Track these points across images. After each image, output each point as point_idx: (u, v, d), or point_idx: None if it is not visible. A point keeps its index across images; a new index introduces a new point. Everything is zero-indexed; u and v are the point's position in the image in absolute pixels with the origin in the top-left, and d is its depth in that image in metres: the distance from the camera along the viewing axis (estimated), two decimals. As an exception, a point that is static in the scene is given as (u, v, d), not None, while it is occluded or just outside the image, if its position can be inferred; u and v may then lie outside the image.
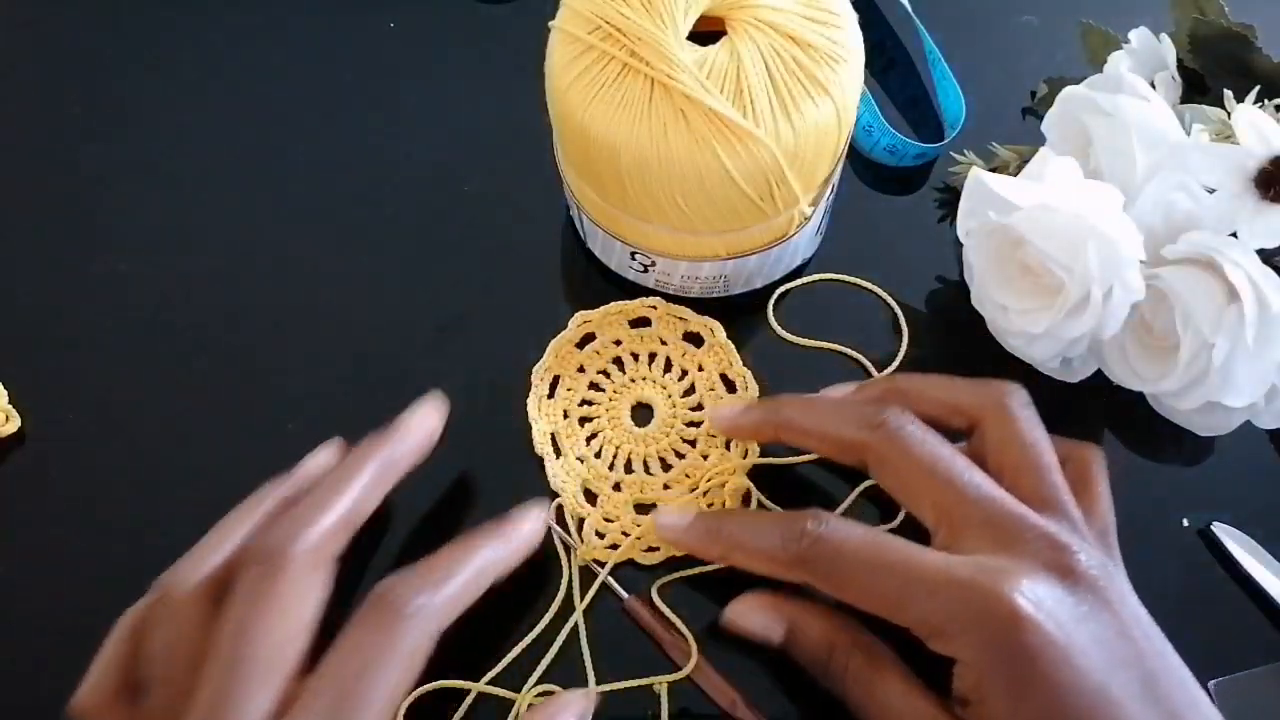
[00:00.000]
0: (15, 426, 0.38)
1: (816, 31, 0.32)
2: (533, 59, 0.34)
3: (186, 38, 0.47)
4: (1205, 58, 0.37)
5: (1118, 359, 0.36)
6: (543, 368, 0.39)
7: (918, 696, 0.29)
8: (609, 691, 0.34)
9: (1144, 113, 0.34)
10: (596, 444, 0.38)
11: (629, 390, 0.39)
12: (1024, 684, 0.26)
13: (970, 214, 0.37)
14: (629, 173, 0.32)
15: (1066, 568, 0.27)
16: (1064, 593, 0.27)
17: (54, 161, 0.44)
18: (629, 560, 0.36)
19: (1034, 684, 0.26)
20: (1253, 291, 0.31)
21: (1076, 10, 0.43)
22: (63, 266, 0.42)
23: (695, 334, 0.40)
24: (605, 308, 0.40)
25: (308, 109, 0.45)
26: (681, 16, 0.31)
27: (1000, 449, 0.31)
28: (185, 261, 0.42)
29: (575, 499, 0.37)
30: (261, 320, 0.41)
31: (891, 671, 0.30)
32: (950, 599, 0.27)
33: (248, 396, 0.39)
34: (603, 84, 0.31)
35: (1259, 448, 0.38)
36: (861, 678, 0.30)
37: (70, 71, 0.46)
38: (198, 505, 0.37)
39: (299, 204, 0.43)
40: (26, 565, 0.37)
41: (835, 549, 0.29)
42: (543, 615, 0.35)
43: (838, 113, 0.32)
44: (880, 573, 0.28)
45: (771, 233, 0.36)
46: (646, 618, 0.35)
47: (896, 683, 0.29)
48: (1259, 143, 0.32)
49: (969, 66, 0.44)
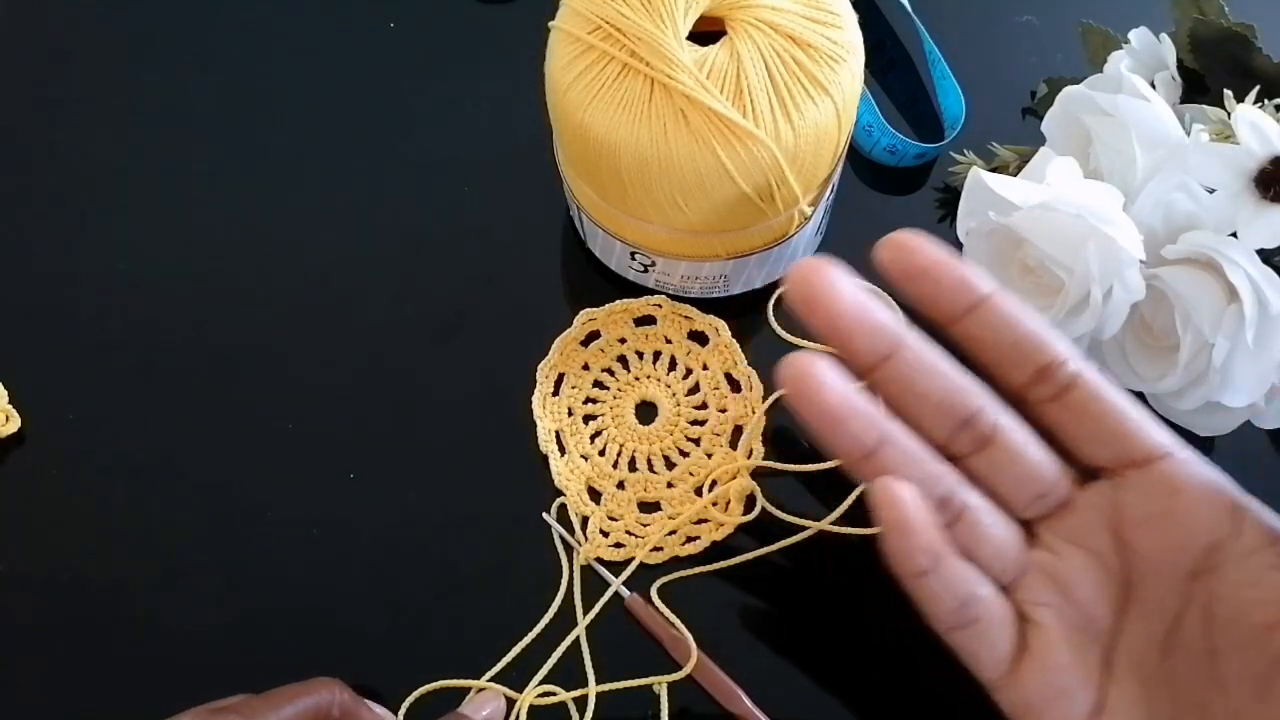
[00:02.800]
0: (15, 426, 0.38)
1: (816, 31, 0.32)
2: (533, 59, 0.34)
3: (186, 38, 0.47)
4: (1205, 58, 0.37)
5: (1118, 359, 0.36)
6: (548, 365, 0.39)
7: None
8: (608, 691, 0.34)
9: (1144, 113, 0.34)
10: (601, 442, 0.38)
11: (633, 388, 0.39)
12: None
13: (970, 214, 0.37)
14: (629, 173, 0.32)
15: None
16: None
17: (54, 161, 0.44)
18: (629, 559, 0.36)
19: None
20: (1253, 291, 0.31)
21: (1076, 10, 0.43)
22: (62, 267, 0.42)
23: (700, 333, 0.40)
24: (610, 306, 0.40)
25: (308, 109, 0.45)
26: (681, 16, 0.31)
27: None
28: (185, 262, 0.42)
29: (579, 497, 0.37)
30: (262, 320, 0.41)
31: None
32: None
33: (248, 396, 0.39)
34: (603, 84, 0.31)
35: (1259, 448, 0.38)
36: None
37: (70, 71, 0.46)
38: (197, 505, 0.38)
39: (299, 204, 0.43)
40: (26, 565, 0.37)
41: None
42: (543, 614, 0.35)
43: (838, 113, 0.32)
44: None
45: (771, 233, 0.36)
46: (647, 617, 0.35)
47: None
48: (1259, 143, 0.32)
49: (969, 66, 0.44)
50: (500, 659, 0.34)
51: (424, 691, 0.33)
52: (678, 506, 0.37)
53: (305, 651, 0.35)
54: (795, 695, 0.34)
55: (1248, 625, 0.23)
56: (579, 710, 0.34)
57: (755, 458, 0.37)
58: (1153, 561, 0.24)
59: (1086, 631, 0.24)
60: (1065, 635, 0.24)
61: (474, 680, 0.34)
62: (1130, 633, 0.24)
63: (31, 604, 0.36)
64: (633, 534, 0.36)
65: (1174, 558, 0.24)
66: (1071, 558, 0.25)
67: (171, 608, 0.36)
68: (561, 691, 0.34)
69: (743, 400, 0.38)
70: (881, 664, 0.35)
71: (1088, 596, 0.24)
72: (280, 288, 0.41)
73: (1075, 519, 0.25)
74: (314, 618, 0.36)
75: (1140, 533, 0.24)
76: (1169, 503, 0.24)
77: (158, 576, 0.36)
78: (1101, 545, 0.24)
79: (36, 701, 0.35)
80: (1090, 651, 0.24)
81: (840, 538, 0.36)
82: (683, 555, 0.36)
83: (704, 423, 0.38)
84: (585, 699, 0.34)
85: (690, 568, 0.36)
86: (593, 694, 0.33)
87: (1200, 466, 0.24)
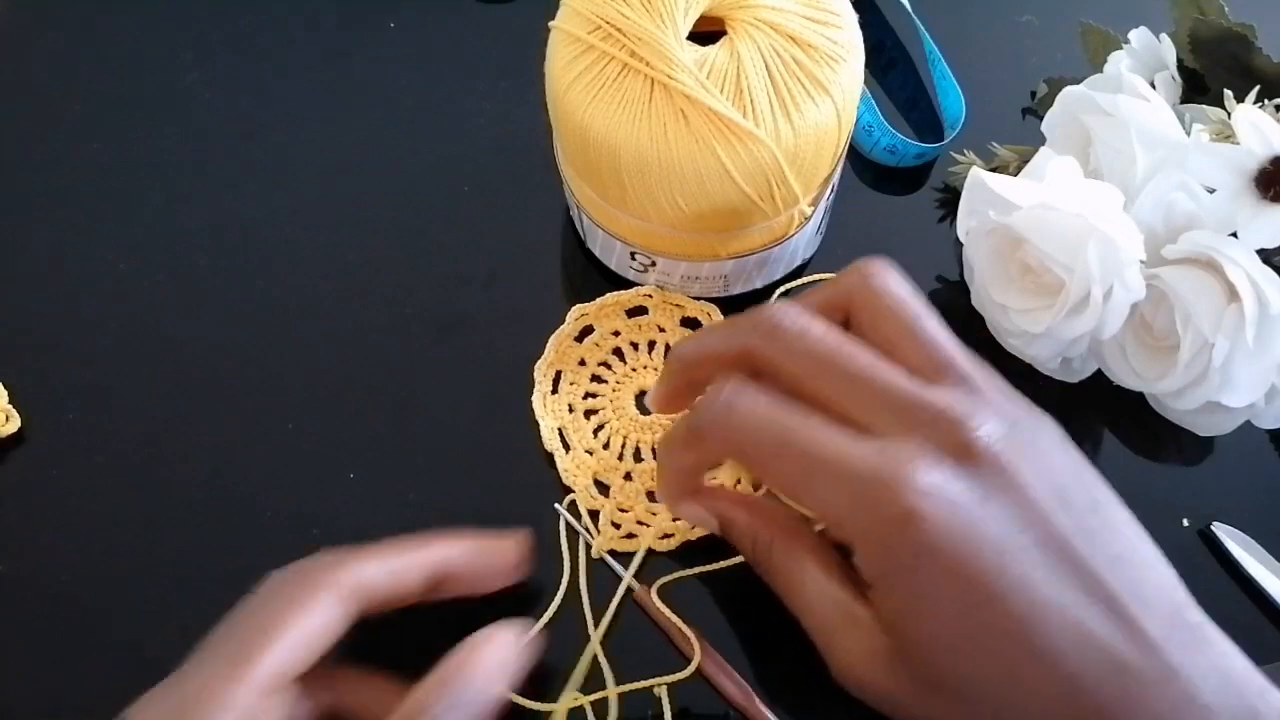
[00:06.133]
0: (15, 426, 0.38)
1: (816, 31, 0.32)
2: (533, 59, 0.34)
3: (185, 38, 0.47)
4: (1205, 58, 0.37)
5: (1118, 359, 0.36)
6: (544, 363, 0.39)
7: (830, 580, 0.28)
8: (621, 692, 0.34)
9: (1144, 113, 0.34)
10: (604, 435, 0.38)
11: (632, 379, 0.39)
12: (918, 577, 0.25)
13: (970, 214, 0.37)
14: (629, 173, 0.32)
15: (964, 446, 0.25)
16: (960, 476, 0.25)
17: (53, 161, 0.44)
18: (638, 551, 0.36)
19: (928, 577, 0.25)
20: (1253, 291, 0.31)
21: (1076, 10, 0.43)
22: (63, 266, 0.42)
23: (693, 319, 0.40)
24: (601, 299, 0.40)
25: (308, 109, 0.45)
26: (681, 16, 0.31)
27: (874, 327, 0.28)
28: (185, 261, 0.42)
29: (588, 491, 0.37)
30: (262, 320, 0.41)
31: (809, 556, 0.29)
32: (847, 489, 0.26)
33: (248, 396, 0.39)
34: (603, 84, 0.31)
35: (1259, 448, 0.38)
36: (780, 564, 0.29)
37: (70, 71, 0.46)
38: (198, 505, 0.38)
39: (299, 204, 0.43)
40: (26, 565, 0.37)
41: (742, 419, 0.28)
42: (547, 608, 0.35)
43: (838, 113, 0.32)
44: (784, 452, 0.27)
45: (771, 233, 0.36)
46: (657, 609, 0.35)
47: (812, 567, 0.28)
48: (1259, 143, 0.32)
49: (969, 66, 0.44)
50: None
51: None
52: None
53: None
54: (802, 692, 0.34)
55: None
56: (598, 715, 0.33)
57: None
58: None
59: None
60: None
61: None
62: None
63: (31, 604, 0.36)
64: (644, 524, 0.36)
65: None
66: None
67: (171, 608, 0.36)
68: (581, 696, 0.34)
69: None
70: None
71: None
72: (280, 287, 0.41)
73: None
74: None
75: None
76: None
77: (158, 576, 0.36)
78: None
79: (37, 701, 0.35)
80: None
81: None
82: (694, 540, 0.36)
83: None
84: (605, 702, 0.34)
85: (697, 563, 0.36)
86: (613, 696, 0.33)
87: None
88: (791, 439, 0.27)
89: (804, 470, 0.27)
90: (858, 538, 0.26)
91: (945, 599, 0.25)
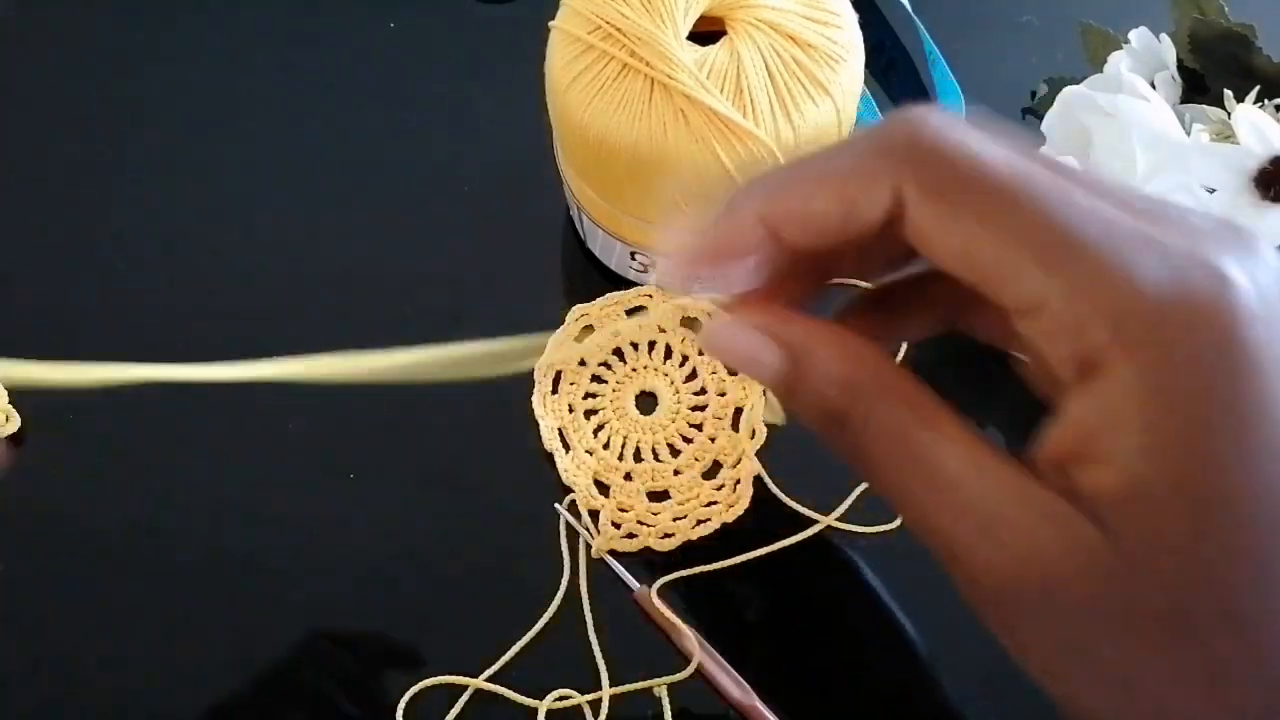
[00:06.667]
0: (15, 426, 0.38)
1: (816, 31, 0.32)
2: (533, 59, 0.34)
3: (186, 37, 0.47)
4: (1205, 58, 0.37)
5: (1118, 359, 0.36)
6: (544, 364, 0.39)
7: (986, 454, 0.19)
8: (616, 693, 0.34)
9: (1144, 113, 0.34)
10: (604, 435, 0.38)
11: (632, 380, 0.39)
12: (1228, 415, 0.16)
13: (970, 214, 0.37)
14: (629, 173, 0.32)
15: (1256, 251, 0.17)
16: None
17: (54, 159, 0.44)
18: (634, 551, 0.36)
19: (1243, 416, 0.16)
20: (1253, 291, 0.31)
21: (1076, 10, 0.43)
22: (62, 265, 0.42)
23: (694, 319, 0.40)
24: (601, 299, 0.40)
25: (307, 109, 0.45)
26: (681, 16, 0.31)
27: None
28: (185, 261, 0.42)
29: (588, 492, 0.37)
30: (261, 320, 0.41)
31: (945, 422, 0.19)
32: (1110, 265, 0.17)
33: (248, 395, 0.39)
34: (603, 84, 0.31)
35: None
36: (897, 431, 0.20)
37: (70, 71, 0.46)
38: (197, 505, 0.38)
39: (299, 204, 0.43)
40: (26, 565, 0.37)
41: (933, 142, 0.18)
42: (547, 608, 0.35)
43: (838, 113, 0.32)
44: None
45: (771, 233, 0.36)
46: (657, 609, 0.35)
47: (953, 436, 0.19)
48: (1259, 143, 0.32)
49: (969, 66, 0.44)
50: (499, 657, 0.34)
51: (422, 687, 0.33)
52: (687, 493, 0.37)
53: (306, 650, 0.35)
54: (803, 692, 0.34)
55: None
56: (593, 713, 0.33)
57: (759, 439, 0.37)
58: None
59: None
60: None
61: (472, 680, 0.34)
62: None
63: (31, 604, 0.36)
64: (645, 524, 0.36)
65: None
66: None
67: (171, 608, 0.36)
68: (576, 695, 0.34)
69: (739, 382, 0.39)
70: (882, 664, 0.35)
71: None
72: (279, 287, 0.41)
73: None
74: (315, 618, 0.36)
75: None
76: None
77: (157, 576, 0.36)
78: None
79: (37, 701, 0.35)
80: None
81: (846, 534, 0.36)
82: (694, 539, 0.36)
83: (705, 408, 0.38)
84: (599, 702, 0.34)
85: (696, 564, 0.36)
86: (606, 697, 0.33)
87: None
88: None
89: (1028, 229, 0.17)
90: (1118, 348, 0.17)
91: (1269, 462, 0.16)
